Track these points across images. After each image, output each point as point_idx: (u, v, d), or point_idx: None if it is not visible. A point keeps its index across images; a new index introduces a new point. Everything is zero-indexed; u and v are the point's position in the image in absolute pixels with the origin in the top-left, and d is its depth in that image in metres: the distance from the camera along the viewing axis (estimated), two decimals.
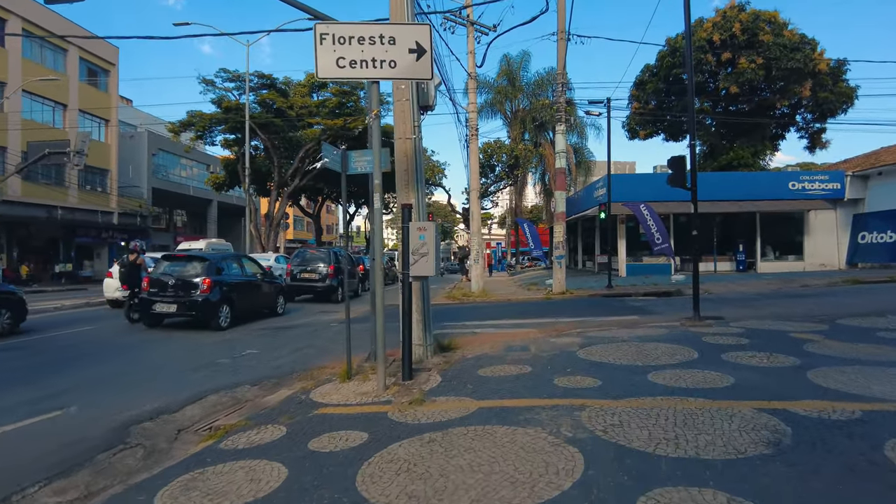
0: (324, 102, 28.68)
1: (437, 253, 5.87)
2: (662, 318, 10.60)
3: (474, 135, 19.33)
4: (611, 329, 8.86)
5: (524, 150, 27.94)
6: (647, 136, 28.32)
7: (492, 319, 11.48)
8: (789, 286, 16.49)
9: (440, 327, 10.46)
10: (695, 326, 8.48)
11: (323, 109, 28.23)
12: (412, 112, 7.02)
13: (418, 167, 7.07)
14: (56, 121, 30.21)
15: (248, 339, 9.62)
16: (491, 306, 14.59)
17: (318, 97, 29.65)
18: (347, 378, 6.14)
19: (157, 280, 10.46)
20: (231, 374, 7.13)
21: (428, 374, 6.11)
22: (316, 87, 29.05)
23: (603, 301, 14.81)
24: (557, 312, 12.38)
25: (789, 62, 21.77)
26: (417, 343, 6.96)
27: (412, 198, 7.03)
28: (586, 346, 7.13)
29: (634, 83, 27.55)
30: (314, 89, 29.09)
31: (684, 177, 8.60)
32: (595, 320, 10.70)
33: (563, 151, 16.67)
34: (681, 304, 13.38)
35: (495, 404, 4.69)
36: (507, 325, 10.47)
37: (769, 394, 4.60)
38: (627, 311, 12.01)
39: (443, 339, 8.32)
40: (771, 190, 21.64)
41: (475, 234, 19.43)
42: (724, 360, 5.99)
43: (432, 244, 5.66)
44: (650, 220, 18.28)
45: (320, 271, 15.49)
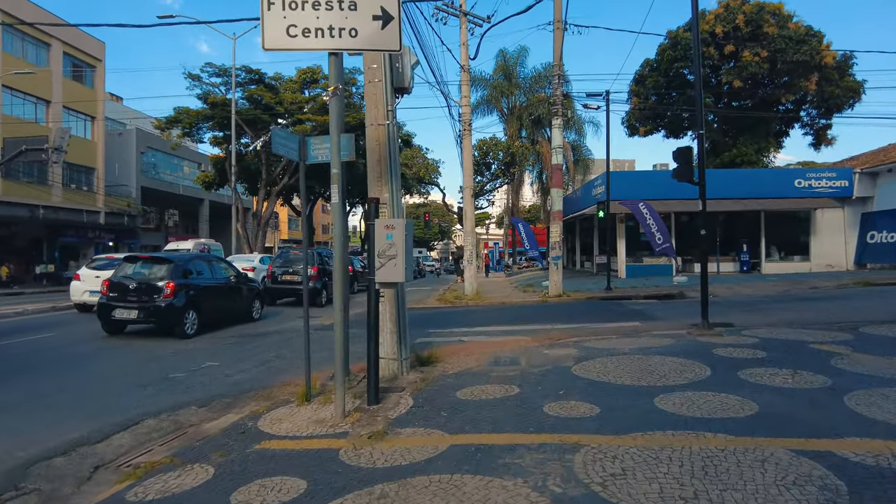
0: (314, 98, 27.83)
1: (409, 255, 5.04)
2: (666, 324, 9.78)
3: (468, 130, 18.50)
4: (610, 338, 8.04)
5: (520, 147, 27.15)
6: (648, 133, 27.51)
7: (482, 325, 10.66)
8: (797, 288, 15.69)
9: (425, 334, 9.65)
10: (703, 335, 7.66)
11: (314, 105, 27.39)
12: (385, 95, 6.19)
13: (392, 157, 6.23)
14: (39, 117, 29.32)
15: (213, 349, 8.79)
16: (483, 310, 13.76)
17: (310, 93, 28.79)
18: (306, 400, 5.32)
19: (118, 284, 9.62)
20: (181, 391, 6.29)
21: (399, 395, 5.28)
22: (307, 83, 28.19)
23: (601, 305, 13.99)
24: (553, 317, 11.56)
25: (795, 55, 20.96)
26: (391, 357, 6.14)
27: (385, 192, 6.21)
28: (583, 361, 6.31)
29: (634, 78, 26.75)
30: (305, 85, 28.25)
31: (691, 170, 7.79)
32: (593, 327, 9.88)
33: (560, 147, 15.86)
34: (685, 307, 12.57)
35: (471, 440, 3.86)
36: (497, 333, 9.65)
37: (804, 427, 3.78)
38: (628, 317, 11.19)
39: (425, 349, 7.51)
40: (776, 188, 20.83)
41: (469, 234, 18.61)
42: (741, 380, 5.16)
43: (402, 245, 4.83)
44: (650, 220, 17.48)
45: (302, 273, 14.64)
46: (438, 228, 77.36)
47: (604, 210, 16.77)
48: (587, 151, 33.83)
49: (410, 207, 75.25)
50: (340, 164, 4.64)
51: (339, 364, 4.64)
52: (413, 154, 32.32)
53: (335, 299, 4.64)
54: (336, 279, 4.63)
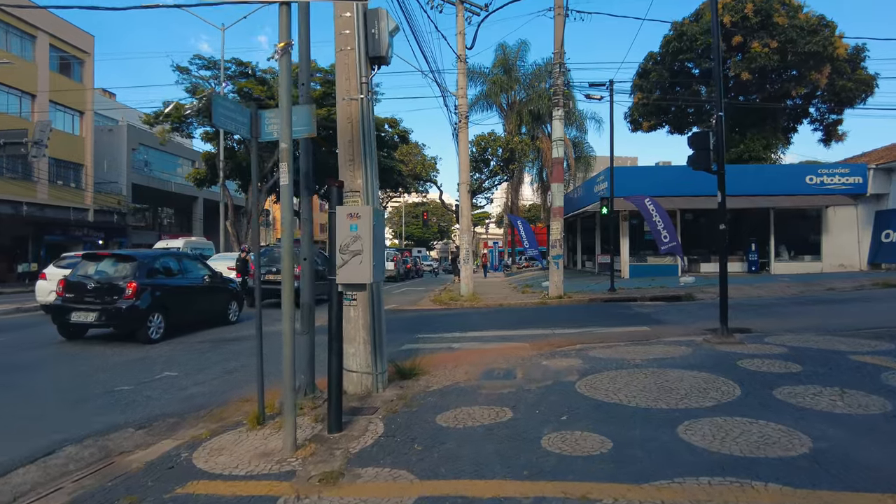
0: None
1: (380, 251, 4.18)
2: (678, 329, 8.91)
3: (464, 123, 17.63)
4: (617, 346, 7.17)
5: (520, 142, 26.28)
6: (651, 128, 26.62)
7: (476, 330, 9.78)
8: (813, 290, 14.81)
9: (413, 340, 8.78)
10: (723, 344, 6.79)
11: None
12: (358, 65, 5.31)
13: (366, 138, 5.36)
14: (24, 111, 28.44)
15: (175, 356, 7.91)
16: (479, 313, 12.88)
17: None
18: (259, 423, 4.45)
19: (75, 284, 8.74)
20: (122, 408, 5.42)
21: (369, 419, 4.41)
22: None
23: (605, 307, 13.11)
24: (553, 321, 10.69)
25: (807, 45, 20.06)
26: (363, 371, 5.27)
27: (358, 178, 5.34)
28: (588, 375, 5.43)
29: (637, 73, 25.86)
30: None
31: (709, 157, 6.91)
32: (598, 332, 9.00)
33: (561, 139, 14.98)
34: (695, 310, 11.70)
35: (446, 489, 2.98)
36: (492, 339, 8.77)
37: (881, 475, 2.90)
38: (635, 320, 10.31)
39: (410, 357, 6.65)
40: (787, 184, 19.94)
41: (465, 232, 17.73)
42: (780, 402, 4.29)
43: (369, 238, 3.96)
44: (656, 217, 16.60)
45: None
46: (437, 228, 76.45)
47: (607, 206, 15.89)
48: (588, 148, 32.98)
49: (409, 206, 74.45)
50: (291, 137, 3.77)
51: (287, 383, 3.76)
52: (410, 150, 31.43)
53: (283, 302, 3.77)
54: (284, 277, 3.76)
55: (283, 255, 3.77)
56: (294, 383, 3.73)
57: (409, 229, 77.53)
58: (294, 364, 3.74)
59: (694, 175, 21.47)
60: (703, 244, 21.62)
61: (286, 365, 3.76)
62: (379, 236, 4.20)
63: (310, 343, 5.28)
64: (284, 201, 3.76)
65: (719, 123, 6.91)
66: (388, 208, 76.30)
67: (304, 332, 5.22)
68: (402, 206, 77.09)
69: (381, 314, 5.46)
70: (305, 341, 5.21)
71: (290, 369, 3.74)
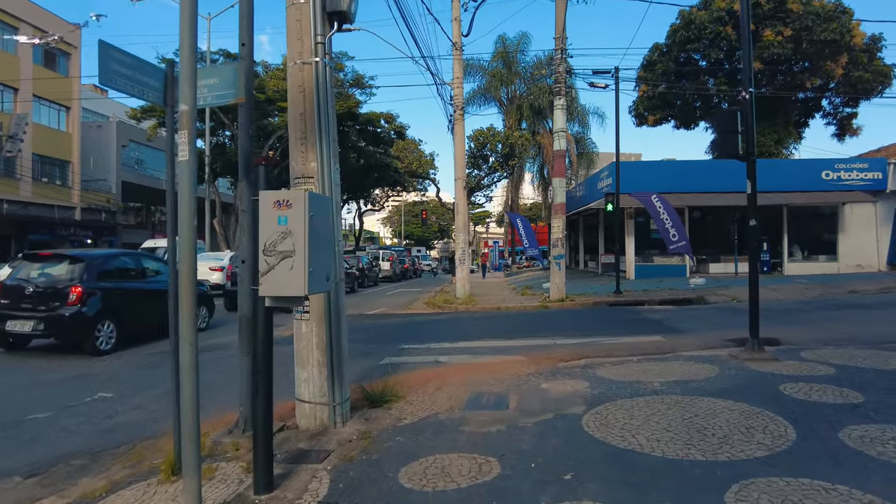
0: None
1: (326, 252, 3.15)
2: (696, 339, 7.87)
3: (460, 114, 16.59)
4: (629, 362, 6.14)
5: (520, 137, 25.16)
6: (657, 123, 25.53)
7: (469, 339, 8.74)
8: (833, 292, 13.77)
9: (396, 351, 7.76)
10: (754, 360, 5.75)
11: None
12: (313, 21, 4.29)
13: (322, 112, 4.33)
14: (6, 106, 27.45)
15: (120, 372, 6.90)
16: (473, 318, 11.85)
17: None
18: (171, 475, 3.43)
19: (13, 288, 7.73)
20: (21, 446, 4.40)
21: (314, 472, 3.38)
22: None
23: (611, 312, 12.08)
24: (555, 328, 9.66)
25: (823, 33, 18.96)
26: (317, 401, 4.24)
27: (311, 161, 4.31)
28: (598, 405, 4.40)
29: (642, 64, 24.77)
30: None
31: (736, 141, 5.88)
32: (604, 343, 7.97)
33: (563, 131, 13.94)
34: (710, 316, 10.67)
35: None
36: (485, 350, 7.74)
37: None
38: (645, 328, 9.27)
39: (386, 377, 5.63)
40: (801, 180, 18.86)
41: (460, 230, 16.71)
42: (853, 451, 3.26)
43: (303, 235, 2.92)
44: (664, 214, 15.54)
45: None
46: (438, 227, 75.40)
47: (612, 203, 14.84)
48: (591, 144, 31.88)
49: (409, 206, 73.42)
50: (194, 97, 2.74)
51: (188, 431, 2.72)
52: (405, 146, 30.39)
53: (182, 322, 2.73)
54: (181, 286, 2.71)
55: (182, 256, 2.74)
56: (196, 432, 2.71)
57: (408, 228, 76.54)
58: (196, 405, 2.71)
59: (703, 170, 20.41)
60: (711, 243, 20.57)
61: (186, 407, 2.72)
62: (324, 232, 3.17)
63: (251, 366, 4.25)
64: (184, 183, 2.72)
65: (748, 101, 5.87)
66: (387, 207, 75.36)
67: (245, 353, 4.19)
68: (402, 206, 76.12)
69: (342, 329, 4.43)
70: (245, 365, 4.18)
71: (192, 412, 2.71)
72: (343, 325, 4.45)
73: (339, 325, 4.38)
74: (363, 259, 24.07)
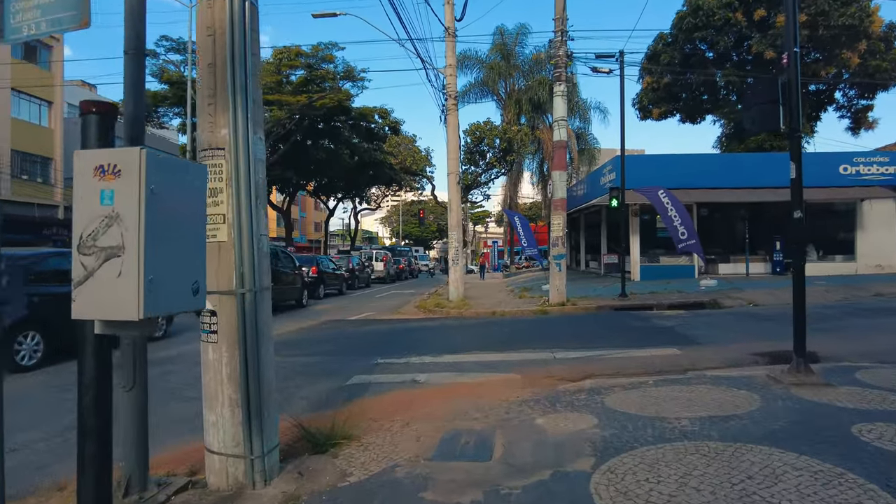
0: (288, 78, 24.82)
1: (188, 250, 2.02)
2: (719, 353, 6.74)
3: (453, 104, 15.47)
4: (645, 385, 5.01)
5: (518, 131, 24.09)
6: (662, 116, 24.39)
7: (456, 352, 7.60)
8: (858, 295, 12.64)
9: (368, 367, 6.63)
10: (802, 385, 4.61)
11: (286, 87, 24.37)
12: None
13: (239, 62, 3.19)
14: None
15: (28, 396, 5.78)
16: (465, 325, 10.71)
17: (294, 77, 25.68)
18: None
19: None
20: None
21: None
22: (285, 64, 25.00)
23: (617, 317, 10.94)
24: (554, 337, 8.53)
25: (841, 18, 17.83)
26: (229, 452, 3.11)
27: (223, 127, 3.18)
28: (611, 458, 3.26)
29: (646, 55, 23.63)
30: (284, 67, 24.92)
31: (777, 113, 4.75)
32: (612, 357, 6.84)
33: (563, 120, 12.80)
34: (728, 322, 9.53)
35: None
36: (473, 366, 6.61)
37: None
38: (657, 338, 8.13)
39: (350, 401, 4.54)
40: (817, 175, 17.62)
41: (454, 228, 15.59)
42: None
43: (137, 221, 1.77)
44: (672, 211, 14.39)
45: None
46: (437, 226, 74.23)
47: (617, 198, 13.70)
48: (593, 140, 30.74)
49: (406, 205, 72.31)
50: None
51: None
52: (399, 141, 29.26)
53: None
54: None
55: None
56: None
57: (407, 228, 75.42)
58: None
59: (712, 165, 19.23)
60: (720, 243, 19.46)
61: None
62: (185, 217, 2.03)
63: (140, 404, 3.11)
64: None
65: (792, 64, 4.73)
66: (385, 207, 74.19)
67: (130, 386, 3.06)
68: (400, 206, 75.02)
69: (264, 355, 3.29)
70: (130, 402, 3.05)
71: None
72: (266, 348, 3.32)
73: (260, 348, 3.24)
74: (353, 260, 22.95)
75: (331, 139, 29.20)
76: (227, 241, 3.18)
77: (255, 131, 3.29)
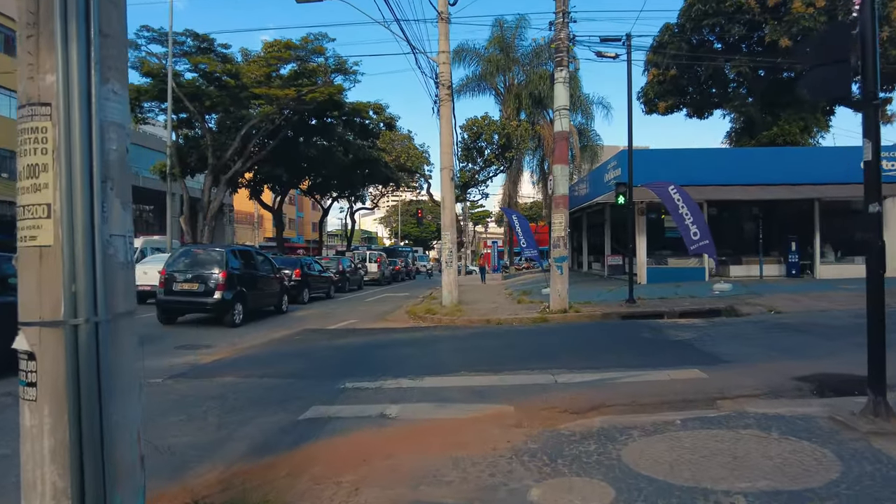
0: (278, 71, 23.70)
1: None
2: (752, 376, 5.63)
3: (446, 94, 14.37)
4: (670, 425, 3.91)
5: (517, 126, 22.96)
6: (668, 110, 23.25)
7: (438, 374, 6.47)
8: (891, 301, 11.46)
9: (334, 394, 5.52)
10: (889, 436, 3.49)
11: (275, 80, 23.25)
12: None
13: None
14: None
15: None
16: (455, 336, 9.57)
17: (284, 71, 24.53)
18: None
19: None
20: None
21: None
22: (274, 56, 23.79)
23: (625, 328, 9.84)
24: (556, 353, 7.42)
25: None
26: None
27: (49, 73, 2.06)
28: None
29: (652, 46, 22.51)
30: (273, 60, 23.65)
31: (848, 74, 3.64)
32: (625, 381, 5.73)
33: (565, 108, 11.69)
34: (754, 333, 8.39)
35: None
36: (457, 394, 5.50)
37: None
38: (675, 355, 7.02)
39: (290, 449, 3.44)
40: (837, 170, 16.61)
41: (447, 228, 14.47)
42: None
43: None
44: (684, 209, 13.25)
45: (208, 280, 10.49)
46: (436, 227, 73.12)
47: (624, 195, 12.57)
48: (595, 137, 29.63)
49: (405, 205, 71.20)
50: None
51: None
52: (392, 137, 28.14)
53: None
54: None
55: None
56: None
57: (406, 228, 74.38)
58: None
59: (723, 160, 18.06)
60: (730, 243, 18.32)
61: None
62: None
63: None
64: None
65: (868, 7, 3.61)
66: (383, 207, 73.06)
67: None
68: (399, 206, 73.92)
69: (122, 414, 2.18)
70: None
71: None
72: (119, 406, 2.20)
73: (107, 407, 2.12)
74: (344, 261, 21.82)
75: (323, 136, 28.10)
76: (54, 244, 2.08)
77: (104, 80, 2.17)
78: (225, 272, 10.53)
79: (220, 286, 10.44)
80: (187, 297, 10.60)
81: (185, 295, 10.59)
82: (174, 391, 5.90)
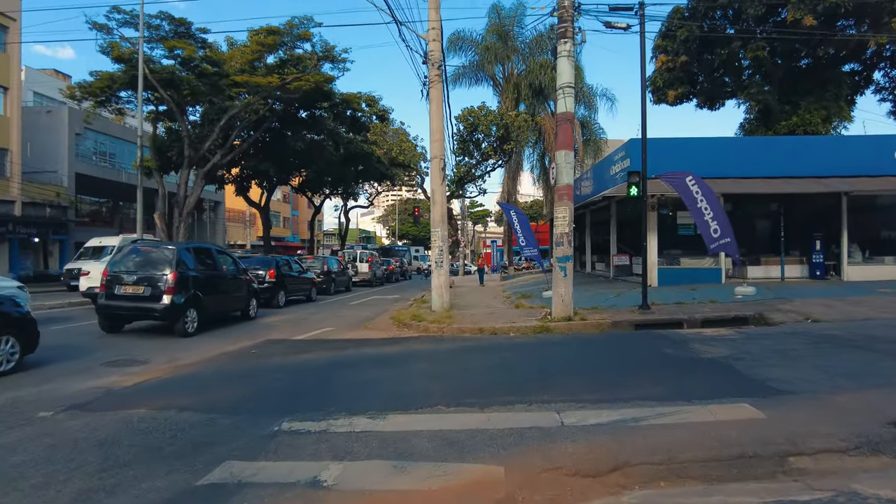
0: (263, 60, 22.20)
1: None
2: (828, 415, 4.15)
3: (437, 76, 12.89)
4: None
5: (516, 117, 21.48)
6: (678, 100, 21.76)
7: (406, 409, 4.99)
8: None
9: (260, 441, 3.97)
10: None
11: (260, 70, 21.75)
12: None
13: None
14: None
15: None
16: (438, 352, 8.06)
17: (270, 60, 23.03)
18: None
19: None
20: None
21: None
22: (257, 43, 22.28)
23: (642, 341, 8.36)
24: (560, 378, 5.93)
25: None
26: None
27: None
28: None
29: (661, 32, 21.03)
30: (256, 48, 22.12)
31: None
32: (654, 421, 4.25)
33: (570, 86, 10.20)
34: (802, 350, 6.86)
35: None
36: (426, 446, 4.02)
37: None
38: (712, 380, 5.54)
39: None
40: (867, 161, 15.14)
41: (437, 224, 12.96)
42: None
43: None
44: (703, 203, 11.77)
45: (156, 282, 9.02)
46: None
47: (637, 185, 11.08)
48: (599, 130, 28.09)
49: (403, 204, 69.70)
50: None
51: None
52: (383, 129, 26.65)
53: None
54: None
55: None
56: None
57: (405, 227, 72.93)
58: None
59: (742, 150, 16.46)
60: (746, 241, 16.77)
61: None
62: None
63: None
64: None
65: None
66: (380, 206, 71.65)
67: None
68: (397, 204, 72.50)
69: None
70: None
71: None
72: None
73: None
74: (330, 261, 20.33)
75: (312, 129, 26.60)
76: None
77: None
78: (176, 273, 9.05)
79: (169, 289, 8.95)
80: (132, 303, 9.12)
81: (130, 300, 9.11)
82: (56, 432, 4.43)
